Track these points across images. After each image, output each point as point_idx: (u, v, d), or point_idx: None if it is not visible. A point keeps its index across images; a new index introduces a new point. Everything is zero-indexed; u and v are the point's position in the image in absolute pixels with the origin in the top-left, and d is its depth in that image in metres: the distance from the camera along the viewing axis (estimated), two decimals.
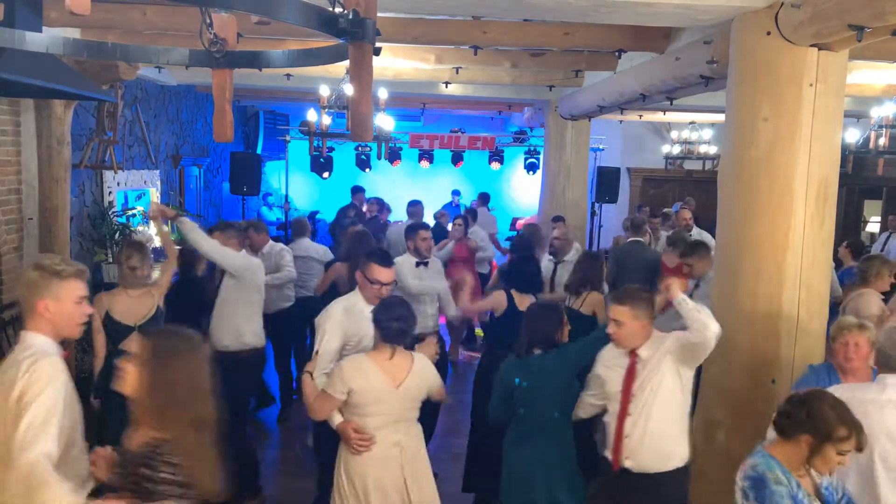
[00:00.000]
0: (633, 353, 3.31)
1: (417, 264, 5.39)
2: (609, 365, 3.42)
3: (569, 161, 8.96)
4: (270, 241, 6.19)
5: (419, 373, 3.33)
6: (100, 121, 6.65)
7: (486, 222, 9.98)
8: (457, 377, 7.49)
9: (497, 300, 4.80)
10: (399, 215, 10.33)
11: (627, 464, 3.29)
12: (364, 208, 10.27)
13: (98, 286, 5.88)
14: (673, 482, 3.31)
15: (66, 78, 4.51)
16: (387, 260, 3.83)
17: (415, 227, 5.74)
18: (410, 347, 3.45)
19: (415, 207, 8.56)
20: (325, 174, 12.04)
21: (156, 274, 4.73)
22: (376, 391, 3.21)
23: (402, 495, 3.26)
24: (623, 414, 3.30)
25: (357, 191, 10.79)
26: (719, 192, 4.05)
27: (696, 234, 7.63)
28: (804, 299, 3.72)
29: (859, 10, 3.02)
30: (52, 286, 2.53)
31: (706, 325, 3.11)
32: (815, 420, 2.44)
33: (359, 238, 5.51)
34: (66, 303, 2.56)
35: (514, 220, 12.48)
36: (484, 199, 11.28)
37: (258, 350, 4.95)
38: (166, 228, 5.08)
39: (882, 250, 9.21)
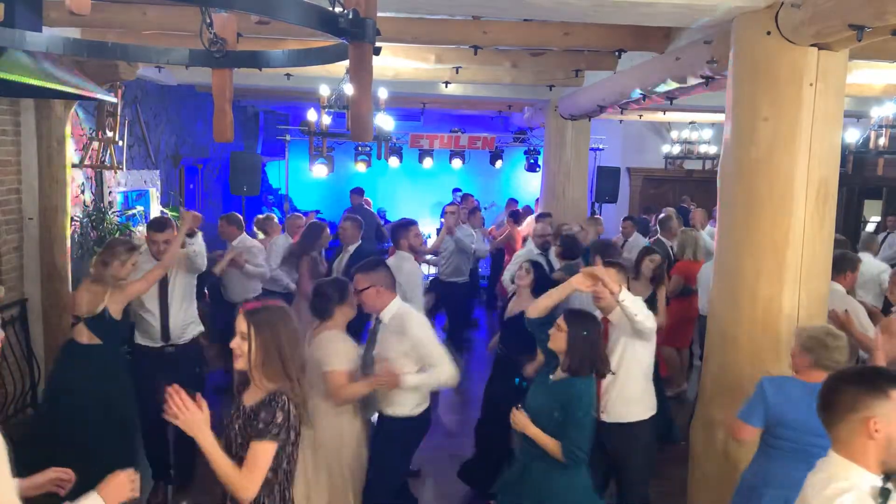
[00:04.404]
0: (604, 319, 3.81)
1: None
2: None
3: (569, 161, 8.95)
4: (242, 235, 6.76)
5: (317, 346, 3.66)
6: (100, 121, 6.65)
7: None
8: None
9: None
10: (397, 215, 10.29)
11: (603, 417, 3.78)
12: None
13: None
14: (639, 430, 3.89)
15: (66, 78, 4.52)
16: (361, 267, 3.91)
17: (406, 224, 5.63)
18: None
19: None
20: (325, 173, 12.02)
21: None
22: None
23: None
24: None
25: (357, 193, 10.54)
26: (719, 192, 4.05)
27: (708, 233, 7.69)
28: (804, 299, 3.72)
29: (859, 10, 3.01)
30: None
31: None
32: None
33: None
34: None
35: None
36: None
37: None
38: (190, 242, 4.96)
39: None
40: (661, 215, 8.30)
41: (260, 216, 8.02)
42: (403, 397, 3.73)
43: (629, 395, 3.84)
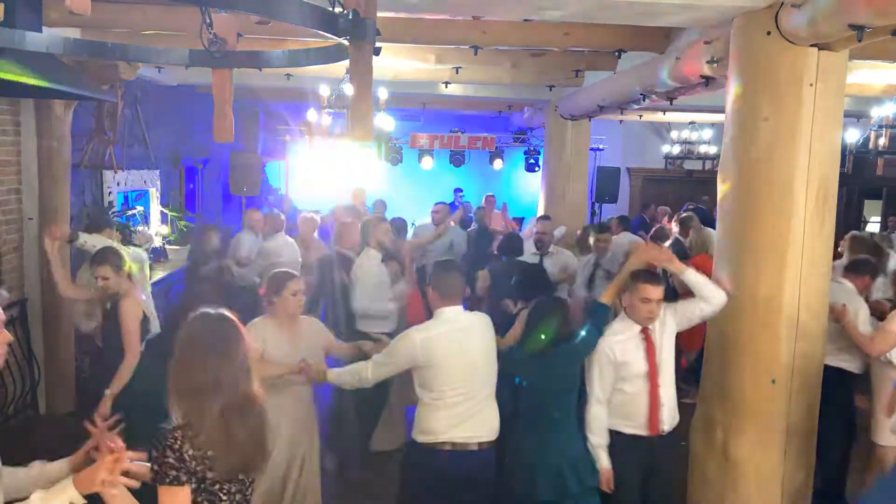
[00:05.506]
0: (645, 330, 3.62)
1: (383, 259, 5.23)
2: (626, 349, 3.60)
3: (569, 161, 8.95)
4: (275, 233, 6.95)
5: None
6: (100, 121, 6.65)
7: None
8: None
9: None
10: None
11: (664, 428, 3.65)
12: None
13: None
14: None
15: (66, 78, 4.52)
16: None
17: (375, 220, 5.59)
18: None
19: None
20: (326, 173, 11.98)
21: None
22: None
23: None
24: (655, 386, 3.59)
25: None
26: (719, 193, 4.05)
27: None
28: (804, 299, 3.72)
29: (859, 10, 3.01)
30: None
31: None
32: None
33: None
34: None
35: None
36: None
37: None
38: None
39: None
40: (682, 214, 8.31)
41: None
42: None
43: (675, 401, 3.77)
